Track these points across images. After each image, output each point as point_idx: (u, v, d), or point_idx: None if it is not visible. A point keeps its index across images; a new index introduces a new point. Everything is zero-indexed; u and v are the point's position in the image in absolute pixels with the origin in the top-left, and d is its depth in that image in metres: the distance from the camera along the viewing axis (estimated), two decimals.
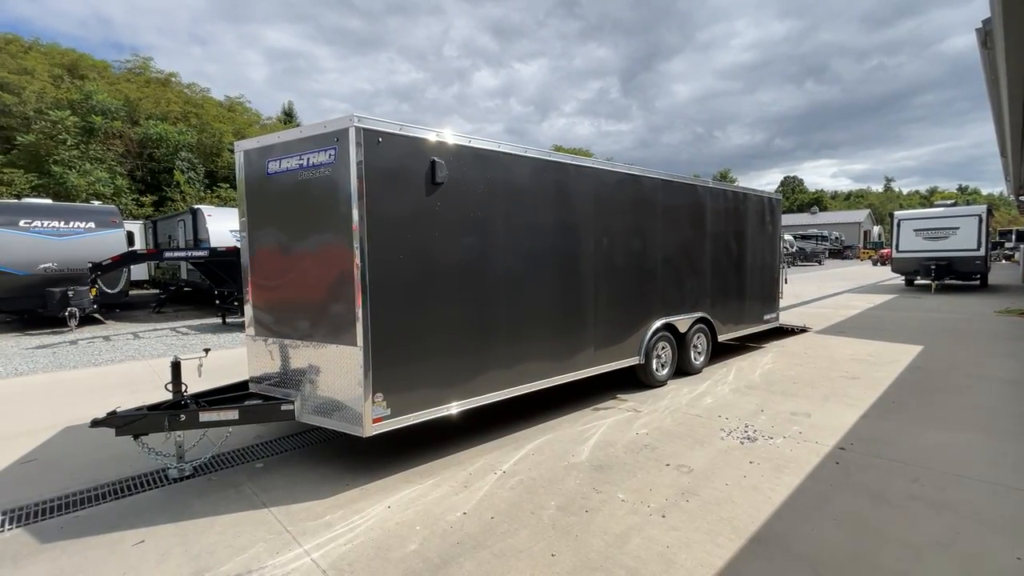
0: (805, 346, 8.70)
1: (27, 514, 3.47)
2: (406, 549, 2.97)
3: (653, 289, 6.25)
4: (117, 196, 22.85)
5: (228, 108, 32.47)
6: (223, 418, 3.91)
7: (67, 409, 5.76)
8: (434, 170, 4.01)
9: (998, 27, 4.38)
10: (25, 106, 22.09)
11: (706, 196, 7.09)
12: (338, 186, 3.68)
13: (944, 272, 16.92)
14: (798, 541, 2.99)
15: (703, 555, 2.86)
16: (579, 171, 5.29)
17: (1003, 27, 4.31)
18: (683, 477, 3.84)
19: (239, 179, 4.37)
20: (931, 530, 3.08)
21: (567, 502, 3.50)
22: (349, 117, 3.58)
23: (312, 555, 2.93)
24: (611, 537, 3.06)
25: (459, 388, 4.27)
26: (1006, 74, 5.68)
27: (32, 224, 11.90)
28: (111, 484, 3.89)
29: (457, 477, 3.93)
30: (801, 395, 5.86)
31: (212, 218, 14.15)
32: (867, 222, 58.28)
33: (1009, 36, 4.45)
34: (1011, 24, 4.25)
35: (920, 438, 4.52)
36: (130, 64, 29.86)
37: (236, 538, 3.12)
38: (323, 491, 3.74)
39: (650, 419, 5.15)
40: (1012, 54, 4.91)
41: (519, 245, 4.72)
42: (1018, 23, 4.14)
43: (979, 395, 5.75)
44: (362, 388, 3.66)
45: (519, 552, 2.93)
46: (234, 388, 4.58)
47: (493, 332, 4.52)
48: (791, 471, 3.89)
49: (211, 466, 4.19)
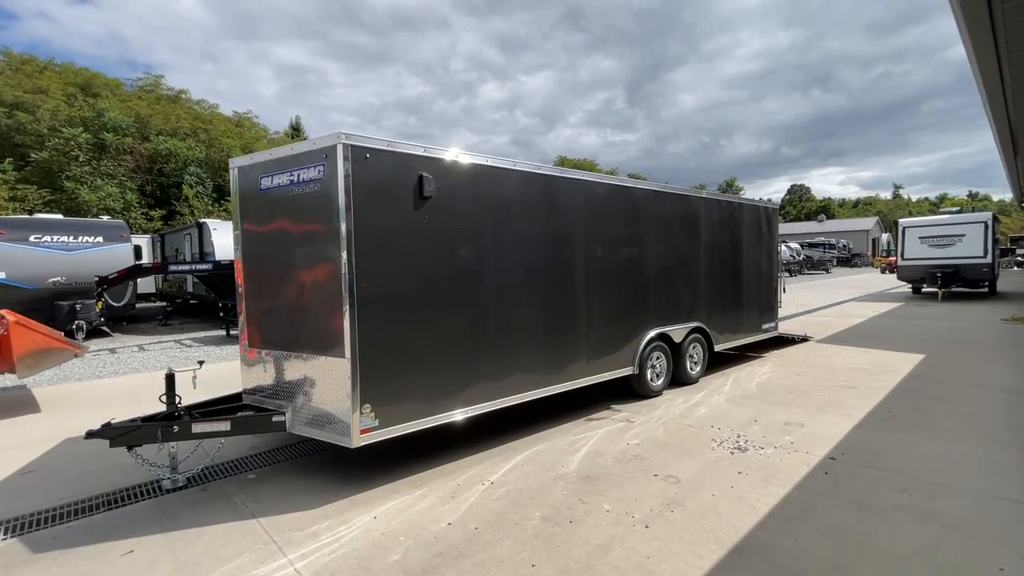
0: (805, 355, 8.66)
1: (22, 524, 3.54)
2: (388, 559, 3.00)
3: (647, 299, 6.27)
4: (127, 211, 23.27)
5: (236, 123, 33.09)
6: (215, 429, 3.97)
7: (69, 421, 5.86)
8: (422, 185, 4.09)
9: (974, 66, 4.47)
10: (39, 124, 22.66)
11: (700, 206, 7.13)
12: (327, 201, 3.77)
13: (951, 279, 16.76)
14: (780, 552, 2.98)
15: (683, 566, 2.87)
16: (568, 183, 5.36)
17: (979, 69, 4.40)
18: (670, 487, 3.85)
19: (233, 194, 4.48)
20: (914, 540, 3.06)
21: (552, 512, 3.52)
22: (337, 134, 3.67)
23: (296, 565, 2.97)
24: (593, 547, 3.07)
25: (448, 400, 4.32)
26: (988, 103, 5.75)
27: (42, 239, 12.16)
28: (105, 495, 3.96)
29: (445, 488, 3.96)
30: (796, 405, 5.84)
31: (217, 231, 14.37)
32: (875, 230, 57.82)
33: (984, 75, 4.54)
34: (984, 66, 4.34)
35: (912, 448, 4.49)
36: (141, 82, 30.60)
37: (223, 548, 3.17)
38: (312, 502, 3.78)
39: (642, 429, 5.15)
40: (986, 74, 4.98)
41: (508, 257, 4.78)
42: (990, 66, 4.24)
43: (977, 404, 5.70)
44: (350, 399, 3.72)
45: (500, 562, 2.95)
46: (228, 400, 4.65)
47: (482, 344, 4.57)
48: (779, 481, 3.89)
49: (204, 477, 4.25)
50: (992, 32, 4.49)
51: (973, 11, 4.13)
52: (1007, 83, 6.40)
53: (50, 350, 6.38)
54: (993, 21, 4.35)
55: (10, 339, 5.69)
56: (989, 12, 4.21)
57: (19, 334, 5.78)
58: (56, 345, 6.42)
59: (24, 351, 5.83)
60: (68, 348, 6.63)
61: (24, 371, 6.00)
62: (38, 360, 6.22)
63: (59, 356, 6.66)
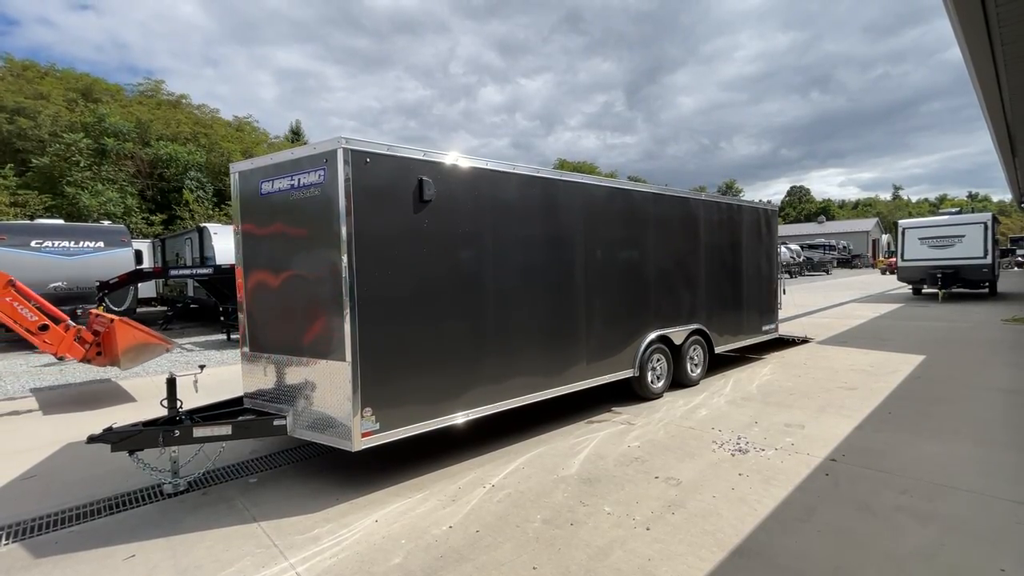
0: (805, 357, 8.66)
1: (24, 529, 3.55)
2: (390, 563, 3.00)
3: (647, 301, 6.29)
4: (128, 215, 23.33)
5: (236, 128, 33.19)
6: (217, 433, 3.98)
7: (71, 425, 5.87)
8: (422, 188, 4.11)
9: (971, 69, 4.49)
10: (40, 129, 22.74)
11: (699, 208, 7.15)
12: (327, 205, 3.79)
13: (951, 280, 16.77)
14: (781, 553, 2.99)
15: (684, 568, 2.87)
16: (567, 186, 5.38)
17: (975, 72, 4.43)
18: (671, 490, 3.85)
19: (234, 199, 4.50)
20: (915, 541, 3.06)
21: (553, 515, 3.52)
22: (337, 139, 3.70)
23: (297, 568, 2.97)
24: (594, 550, 3.08)
25: (449, 402, 4.32)
26: (985, 105, 5.79)
27: (43, 244, 12.19)
28: (107, 499, 3.96)
29: (447, 491, 3.96)
30: (797, 406, 5.84)
31: (218, 236, 14.38)
32: (875, 231, 57.87)
33: (981, 77, 4.57)
34: (980, 68, 4.37)
35: (912, 449, 4.49)
36: (142, 87, 30.72)
37: (224, 552, 3.17)
38: (313, 505, 3.78)
39: (643, 432, 5.16)
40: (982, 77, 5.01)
41: (508, 260, 4.80)
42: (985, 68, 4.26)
43: (977, 405, 5.70)
44: (351, 403, 3.73)
45: (501, 565, 2.95)
46: (229, 404, 4.66)
47: (483, 347, 4.58)
48: (779, 483, 3.89)
49: (206, 481, 4.25)
50: (988, 35, 4.52)
51: (968, 15, 4.16)
52: (1004, 86, 6.45)
53: (148, 345, 6.88)
54: (988, 24, 4.38)
55: (115, 335, 6.32)
56: (984, 15, 4.24)
57: (123, 331, 6.41)
58: (153, 341, 6.91)
59: (127, 346, 6.46)
60: (163, 344, 7.14)
61: (127, 364, 6.64)
62: (138, 354, 6.79)
63: (155, 351, 7.16)
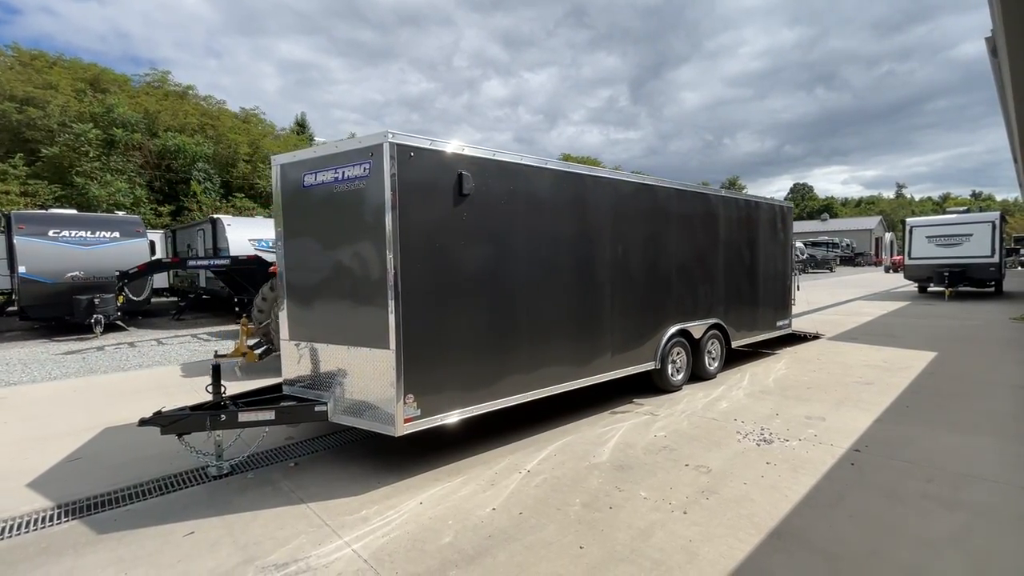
0: (818, 352, 8.78)
1: (80, 507, 3.68)
2: (441, 541, 3.13)
3: (668, 296, 6.40)
4: (136, 206, 23.37)
5: (243, 120, 33.10)
6: (260, 418, 4.10)
7: (104, 411, 6.00)
8: (461, 182, 4.21)
9: (1000, 40, 4.52)
10: (49, 119, 22.73)
11: (719, 205, 7.25)
12: (372, 198, 3.89)
13: (958, 279, 16.87)
14: (816, 536, 3.11)
15: (725, 548, 3.00)
16: (596, 181, 5.48)
17: (1006, 42, 4.46)
18: (702, 476, 3.98)
19: (275, 191, 4.60)
20: (945, 527, 3.19)
21: (591, 499, 3.65)
22: (384, 133, 3.79)
23: (353, 546, 3.10)
24: (635, 531, 3.21)
25: (483, 390, 4.44)
26: (1011, 83, 5.82)
27: (60, 234, 12.29)
28: (155, 480, 4.10)
29: (483, 476, 4.09)
30: (815, 400, 5.96)
31: (231, 227, 14.48)
32: (878, 229, 57.88)
33: (1012, 50, 4.59)
34: (1012, 39, 4.40)
35: (933, 441, 4.62)
36: (149, 78, 30.60)
37: (279, 531, 3.30)
38: (355, 488, 3.91)
39: (667, 422, 5.28)
40: (1016, 65, 5.05)
41: (540, 253, 4.91)
42: (1019, 38, 4.29)
43: (992, 400, 5.82)
44: (394, 390, 3.85)
45: (548, 544, 3.08)
46: (268, 391, 4.78)
47: (515, 337, 4.70)
48: (807, 471, 4.01)
49: (247, 465, 4.38)
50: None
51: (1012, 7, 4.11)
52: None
53: None
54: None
55: None
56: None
57: None
58: None
59: None
60: None
61: None
62: None
63: None
